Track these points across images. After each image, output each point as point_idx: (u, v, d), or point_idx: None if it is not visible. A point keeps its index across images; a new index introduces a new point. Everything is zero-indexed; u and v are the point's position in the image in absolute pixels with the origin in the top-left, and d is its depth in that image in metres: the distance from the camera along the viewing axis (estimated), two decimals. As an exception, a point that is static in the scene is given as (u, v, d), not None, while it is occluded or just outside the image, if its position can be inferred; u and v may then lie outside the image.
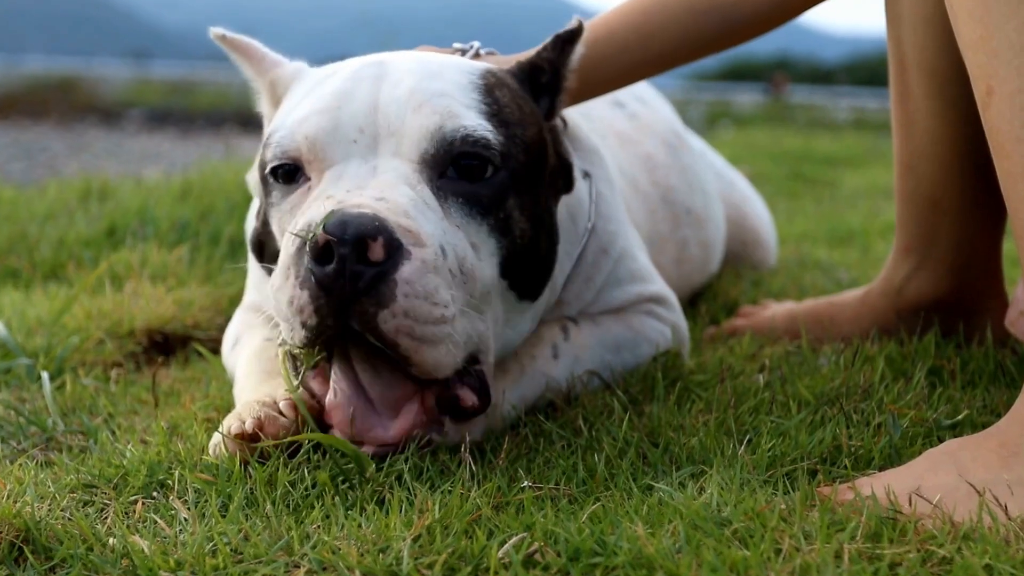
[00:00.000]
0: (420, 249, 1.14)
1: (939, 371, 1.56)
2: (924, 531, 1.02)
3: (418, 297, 1.13)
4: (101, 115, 13.41)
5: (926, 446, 1.26)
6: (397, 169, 1.21)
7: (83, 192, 3.12)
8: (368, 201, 1.16)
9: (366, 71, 1.29)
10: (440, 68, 1.31)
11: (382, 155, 1.22)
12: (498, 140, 1.24)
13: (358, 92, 1.26)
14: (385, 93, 1.25)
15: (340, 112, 1.24)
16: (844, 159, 6.70)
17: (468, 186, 1.23)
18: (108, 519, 1.13)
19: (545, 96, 1.42)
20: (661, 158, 1.95)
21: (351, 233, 1.11)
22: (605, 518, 1.07)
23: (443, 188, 1.22)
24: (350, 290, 1.12)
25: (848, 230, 3.43)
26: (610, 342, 1.55)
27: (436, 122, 1.22)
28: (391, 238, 1.12)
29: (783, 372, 1.55)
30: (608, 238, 1.58)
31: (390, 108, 1.24)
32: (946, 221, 1.66)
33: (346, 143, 1.23)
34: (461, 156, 1.22)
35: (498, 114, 1.28)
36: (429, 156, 1.22)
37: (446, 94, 1.25)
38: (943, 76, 1.58)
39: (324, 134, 1.23)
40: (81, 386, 1.63)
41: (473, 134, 1.22)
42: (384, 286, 1.12)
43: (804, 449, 1.25)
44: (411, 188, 1.20)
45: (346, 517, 1.10)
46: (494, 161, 1.23)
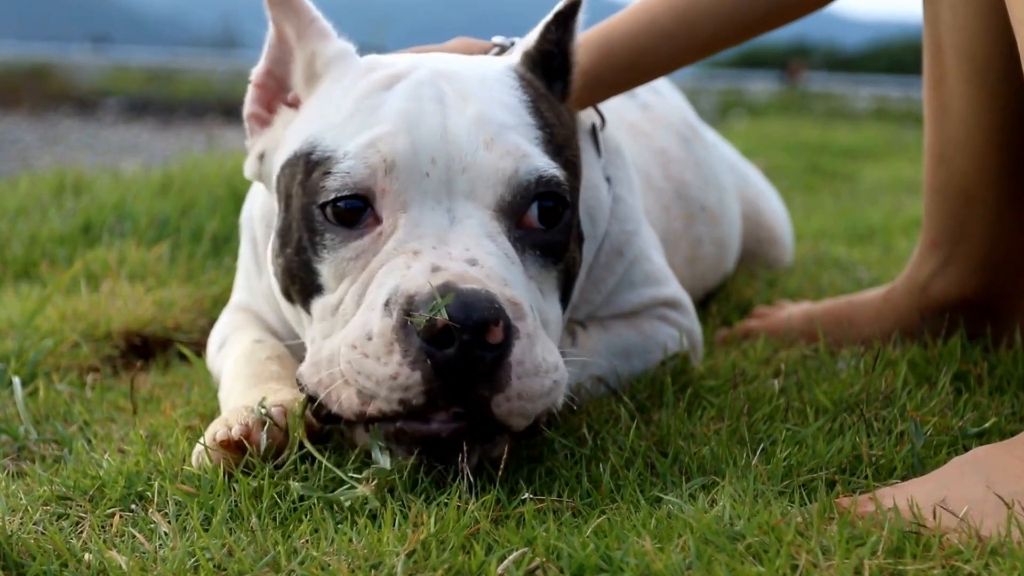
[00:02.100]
0: (523, 323, 1.15)
1: (965, 376, 1.56)
2: (949, 546, 1.03)
3: (529, 375, 1.14)
4: (76, 104, 13.42)
5: (951, 455, 1.26)
6: (476, 217, 1.20)
7: (57, 186, 3.12)
8: (464, 268, 1.14)
9: (426, 90, 1.25)
10: (494, 87, 1.29)
11: (456, 197, 1.20)
12: (564, 174, 1.24)
13: (426, 113, 1.23)
14: (453, 121, 1.22)
15: (415, 136, 1.21)
16: (864, 151, 6.71)
17: (544, 235, 1.23)
18: (84, 533, 1.13)
19: (558, 80, 1.42)
20: (675, 152, 1.96)
21: (476, 319, 1.09)
22: (611, 532, 1.07)
23: (522, 240, 1.22)
24: (469, 375, 1.12)
25: (868, 227, 3.43)
26: (620, 348, 1.55)
27: (511, 165, 1.20)
28: (508, 319, 1.12)
29: (799, 377, 1.55)
30: (624, 239, 1.58)
31: (461, 139, 1.21)
32: (977, 215, 1.66)
33: (420, 176, 1.20)
34: (538, 198, 1.22)
35: (552, 139, 1.28)
36: (506, 203, 1.21)
37: (511, 126, 1.24)
38: (982, 60, 1.58)
39: (402, 161, 1.20)
40: (55, 392, 1.63)
41: (545, 174, 1.21)
42: (500, 370, 1.12)
43: (822, 459, 1.25)
44: (493, 242, 1.19)
45: (336, 531, 1.10)
46: (565, 199, 1.23)
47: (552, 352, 1.19)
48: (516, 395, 1.14)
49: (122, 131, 10.92)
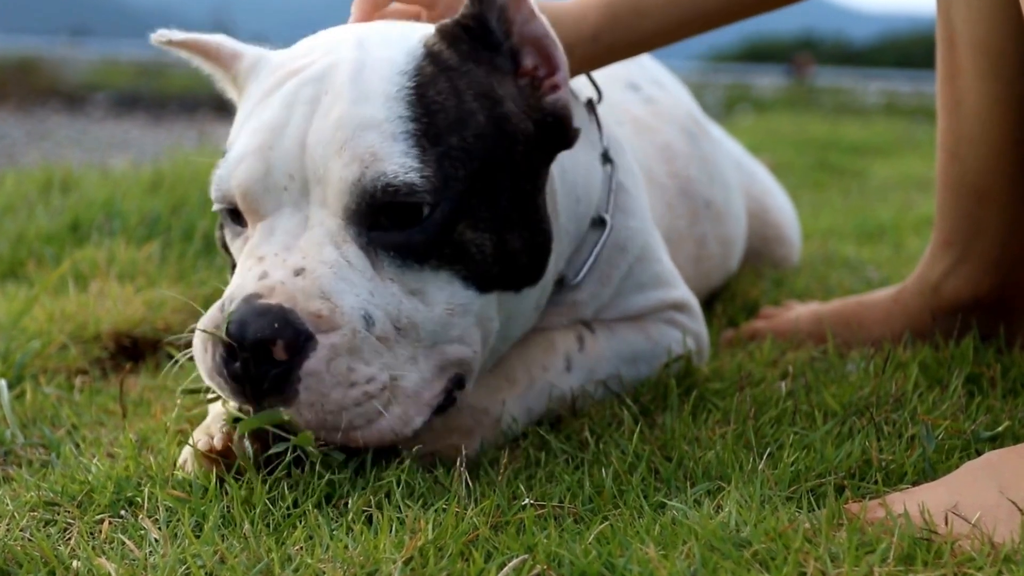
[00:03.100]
0: (330, 335, 1.19)
1: (978, 378, 1.56)
2: (962, 553, 1.03)
3: (326, 387, 1.18)
4: (64, 99, 13.43)
5: (963, 460, 1.26)
6: (324, 224, 1.24)
7: (44, 183, 3.12)
8: (284, 279, 1.21)
9: (304, 91, 1.29)
10: (368, 79, 1.28)
11: (313, 205, 1.26)
12: (426, 176, 1.23)
13: (291, 125, 1.27)
14: (315, 127, 1.26)
15: (271, 154, 1.27)
16: (874, 147, 6.71)
17: (400, 236, 1.24)
18: (72, 540, 1.13)
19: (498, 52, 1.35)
20: (680, 147, 1.95)
21: (250, 338, 1.17)
22: (614, 538, 1.07)
23: (373, 242, 1.25)
24: (257, 387, 1.19)
25: (878, 225, 3.43)
26: (627, 354, 1.56)
27: (355, 172, 1.22)
28: (293, 337, 1.17)
29: (807, 379, 1.55)
30: (627, 234, 1.58)
31: (316, 150, 1.25)
32: (992, 213, 1.66)
33: (277, 191, 1.26)
34: (385, 208, 1.23)
35: (428, 128, 1.26)
36: (351, 211, 1.24)
37: (370, 125, 1.24)
38: (998, 54, 1.58)
39: (255, 184, 1.27)
40: (42, 395, 1.63)
41: (394, 182, 1.22)
42: (287, 385, 1.18)
43: (830, 463, 1.25)
44: (336, 248, 1.24)
45: (331, 537, 1.10)
46: (426, 202, 1.23)
47: (400, 355, 1.23)
48: (308, 406, 1.18)
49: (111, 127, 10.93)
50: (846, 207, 3.97)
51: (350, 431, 1.20)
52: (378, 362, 1.21)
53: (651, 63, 2.13)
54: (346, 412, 1.19)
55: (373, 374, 1.20)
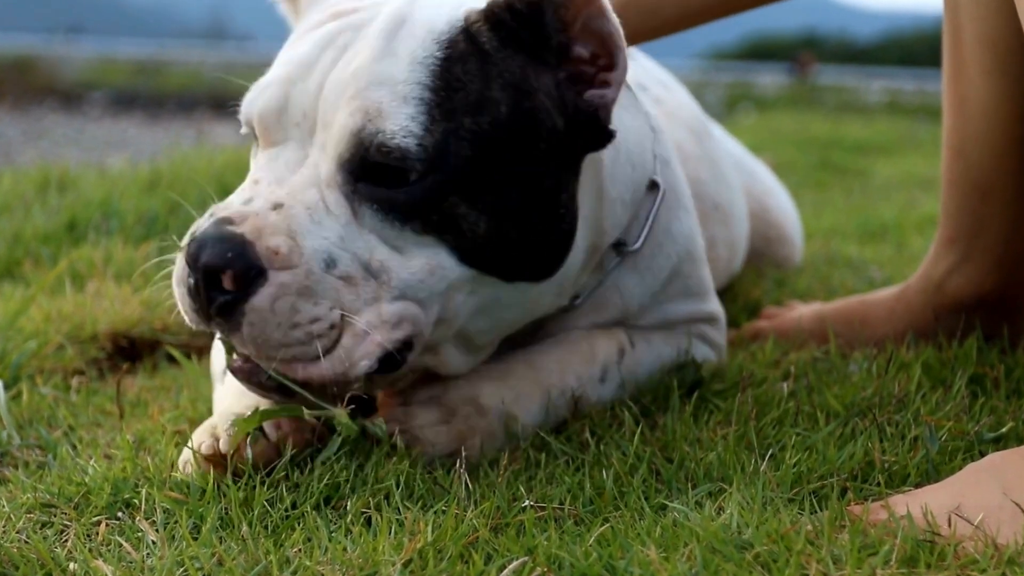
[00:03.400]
0: (281, 273, 1.21)
1: (981, 379, 1.56)
2: (965, 555, 1.03)
3: (268, 324, 1.21)
4: (61, 98, 13.43)
5: (966, 461, 1.26)
6: (318, 167, 1.28)
7: (41, 183, 3.12)
8: (259, 209, 1.24)
9: (340, 36, 1.32)
10: (402, 38, 1.29)
11: (315, 145, 1.29)
12: (423, 146, 1.24)
13: (318, 65, 1.31)
14: (335, 73, 1.29)
15: (293, 89, 1.30)
16: (877, 146, 6.71)
17: (384, 192, 1.26)
18: (68, 542, 1.13)
19: (550, 42, 1.32)
20: (689, 148, 1.95)
21: (202, 263, 1.21)
22: (614, 541, 1.07)
23: (358, 193, 1.27)
24: (206, 308, 1.23)
25: (881, 224, 3.43)
26: (657, 367, 1.57)
27: (358, 123, 1.25)
28: (244, 269, 1.20)
29: (810, 380, 1.55)
30: (667, 237, 1.57)
31: (331, 95, 1.28)
32: (996, 210, 1.66)
33: (289, 125, 1.30)
34: (376, 166, 1.25)
35: (445, 102, 1.26)
36: (344, 160, 1.26)
37: (385, 82, 1.26)
38: (1004, 50, 1.57)
39: (271, 113, 1.31)
40: (39, 396, 1.63)
41: (389, 143, 1.23)
42: (232, 316, 1.22)
43: (833, 465, 1.25)
44: (319, 192, 1.27)
45: (330, 540, 1.10)
46: (415, 169, 1.24)
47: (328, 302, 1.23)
48: (252, 340, 1.22)
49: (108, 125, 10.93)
50: (848, 206, 3.97)
51: (289, 364, 1.23)
52: (330, 300, 1.23)
53: (651, 64, 2.12)
54: (286, 349, 1.22)
55: (319, 314, 1.22)
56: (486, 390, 1.39)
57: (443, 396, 1.37)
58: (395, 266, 1.26)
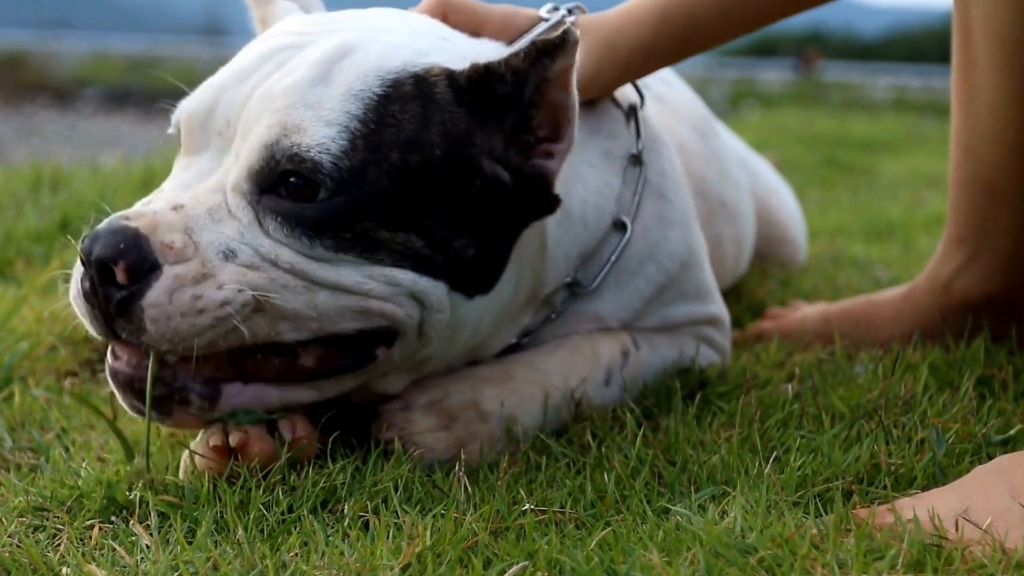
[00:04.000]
0: (178, 265, 1.20)
1: (989, 380, 1.56)
2: (972, 559, 1.03)
3: (172, 318, 1.19)
4: (53, 94, 13.43)
5: (974, 464, 1.26)
6: (228, 173, 1.27)
7: (33, 181, 3.12)
8: (159, 209, 1.24)
9: (282, 52, 1.32)
10: (343, 67, 1.28)
11: (231, 155, 1.29)
12: (337, 166, 1.23)
13: (253, 76, 1.30)
14: (267, 86, 1.28)
15: (223, 96, 1.30)
16: (883, 144, 6.71)
17: (290, 205, 1.24)
18: (61, 546, 1.13)
19: (508, 110, 1.31)
20: (693, 146, 1.95)
21: (95, 254, 1.20)
22: (616, 545, 1.07)
23: (263, 204, 1.25)
24: (105, 308, 1.21)
25: (887, 223, 3.43)
26: (660, 370, 1.57)
27: (274, 136, 1.24)
28: (137, 261, 1.19)
29: (815, 381, 1.55)
30: (663, 244, 1.56)
31: (255, 106, 1.28)
32: (1005, 210, 1.66)
33: (211, 133, 1.30)
34: (285, 175, 1.24)
35: (372, 134, 1.25)
36: (254, 171, 1.25)
37: (314, 104, 1.25)
38: (1015, 46, 1.57)
39: (196, 117, 1.31)
40: (31, 398, 1.63)
41: (303, 154, 1.22)
42: (132, 313, 1.20)
43: (838, 467, 1.26)
44: (224, 197, 1.26)
45: (327, 544, 1.10)
46: (325, 185, 1.23)
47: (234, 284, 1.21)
48: (160, 337, 1.20)
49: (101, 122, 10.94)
50: (854, 205, 3.97)
51: (210, 348, 1.21)
52: (237, 283, 1.21)
53: None
54: (200, 337, 1.20)
55: (226, 297, 1.21)
56: (487, 394, 1.39)
57: (443, 401, 1.36)
58: (312, 268, 1.24)
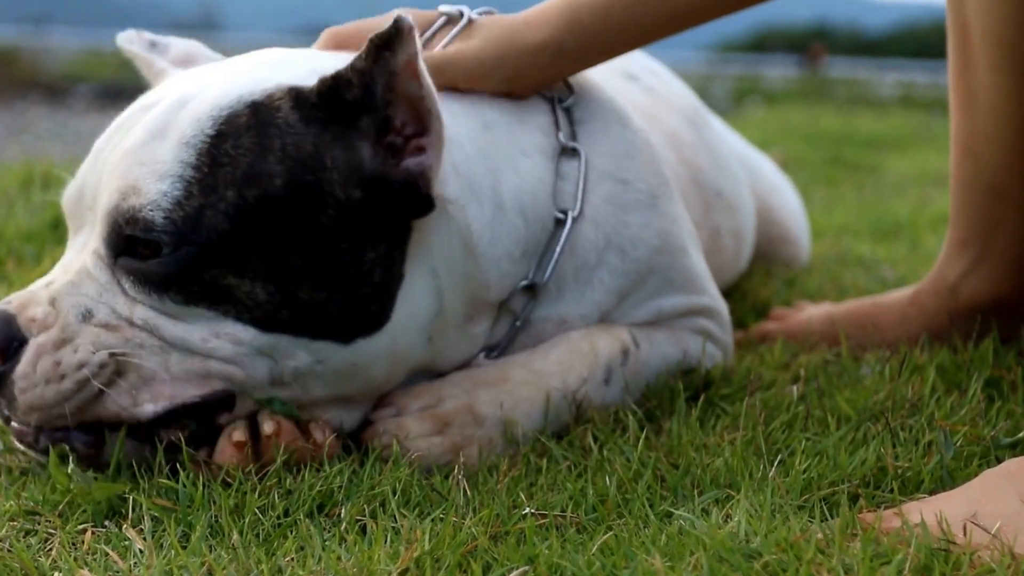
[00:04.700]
0: (42, 334, 1.28)
1: (998, 382, 1.56)
2: (981, 564, 1.03)
3: (37, 386, 1.27)
4: (45, 91, 13.42)
5: (982, 467, 1.26)
6: (89, 246, 1.34)
7: (24, 179, 3.12)
8: (33, 289, 1.33)
9: (127, 120, 1.38)
10: (179, 119, 1.31)
11: (92, 228, 1.35)
12: (171, 219, 1.26)
13: (106, 148, 1.37)
14: (113, 156, 1.34)
15: (86, 175, 1.38)
16: (890, 141, 6.70)
17: (139, 264, 1.30)
18: (53, 551, 1.13)
19: (365, 113, 1.31)
20: (686, 136, 1.95)
21: None
22: (618, 549, 1.07)
23: (120, 265, 1.32)
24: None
25: (894, 222, 3.43)
26: (662, 368, 1.56)
27: (114, 201, 1.30)
28: (6, 340, 1.28)
29: (820, 383, 1.55)
30: (617, 233, 1.54)
31: (103, 176, 1.34)
32: (1009, 211, 1.66)
33: (83, 211, 1.37)
34: (130, 239, 1.30)
35: (206, 178, 1.28)
36: (105, 236, 1.32)
37: (147, 161, 1.30)
38: (1011, 45, 1.57)
39: (71, 202, 1.39)
40: (22, 399, 1.63)
41: (137, 215, 1.28)
42: (6, 390, 1.28)
43: (844, 471, 1.26)
44: (84, 266, 1.33)
45: (323, 548, 1.10)
46: (163, 241, 1.28)
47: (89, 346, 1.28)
48: (29, 408, 1.28)
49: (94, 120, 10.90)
50: (860, 203, 3.97)
51: (80, 415, 1.28)
52: (91, 346, 1.28)
53: (640, 54, 2.12)
54: (68, 402, 1.27)
55: (83, 359, 1.27)
56: (482, 398, 1.38)
57: (437, 406, 1.36)
58: (164, 324, 1.29)
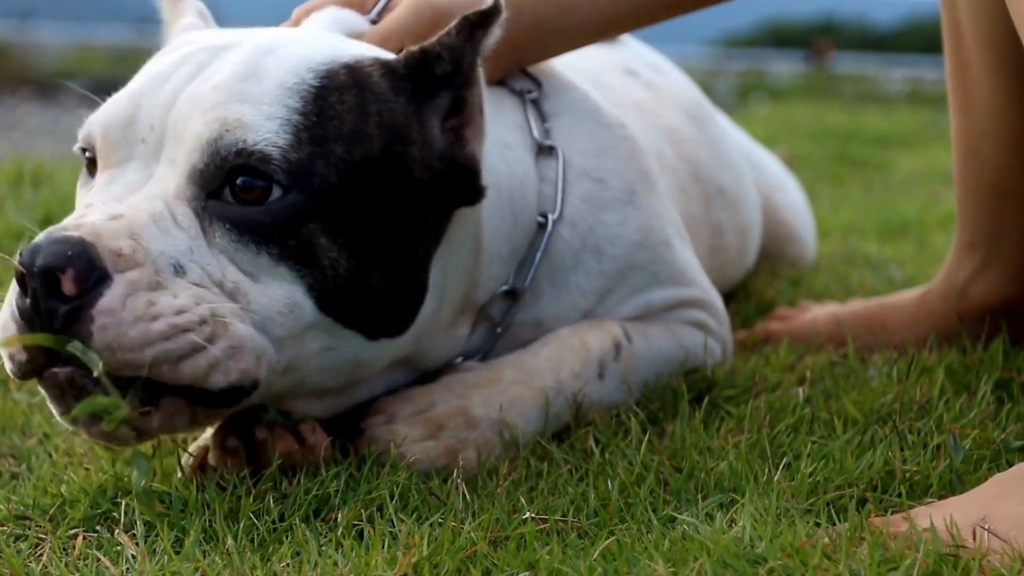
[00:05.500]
0: (131, 272, 1.16)
1: (1008, 384, 1.56)
2: (991, 569, 1.03)
3: (122, 324, 1.14)
4: (35, 87, 13.41)
5: (992, 471, 1.26)
6: (164, 181, 1.24)
7: (14, 177, 3.13)
8: (96, 220, 1.19)
9: (199, 55, 1.30)
10: (270, 64, 1.28)
11: (162, 162, 1.25)
12: (289, 157, 1.21)
13: (172, 80, 1.28)
14: (192, 88, 1.26)
15: (142, 101, 1.27)
16: (898, 138, 6.70)
17: (240, 210, 1.22)
18: (44, 556, 1.13)
19: (444, 89, 1.33)
20: (686, 131, 1.95)
21: (39, 264, 1.14)
22: (620, 555, 1.07)
23: (209, 210, 1.22)
24: (48, 326, 1.15)
25: (902, 221, 3.43)
26: (660, 363, 1.55)
27: (215, 131, 1.22)
28: (86, 269, 1.14)
29: (826, 385, 1.56)
30: (593, 233, 1.53)
31: (184, 107, 1.25)
32: (1015, 211, 1.66)
33: (134, 141, 1.26)
34: (235, 172, 1.22)
35: (315, 127, 1.24)
36: (197, 171, 1.22)
37: (249, 99, 1.24)
38: (1003, 46, 1.58)
39: (116, 127, 1.27)
40: (12, 402, 1.63)
41: (250, 147, 1.20)
42: (79, 323, 1.14)
43: (851, 474, 1.26)
44: (166, 205, 1.22)
45: (320, 553, 1.10)
46: (277, 179, 1.21)
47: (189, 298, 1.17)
48: (105, 348, 1.14)
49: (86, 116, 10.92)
50: (868, 202, 3.97)
51: (158, 366, 1.16)
52: (191, 298, 1.18)
53: (644, 48, 2.13)
54: (150, 348, 1.15)
55: (183, 305, 1.16)
56: (475, 400, 1.38)
57: (429, 410, 1.36)
58: (253, 292, 1.22)
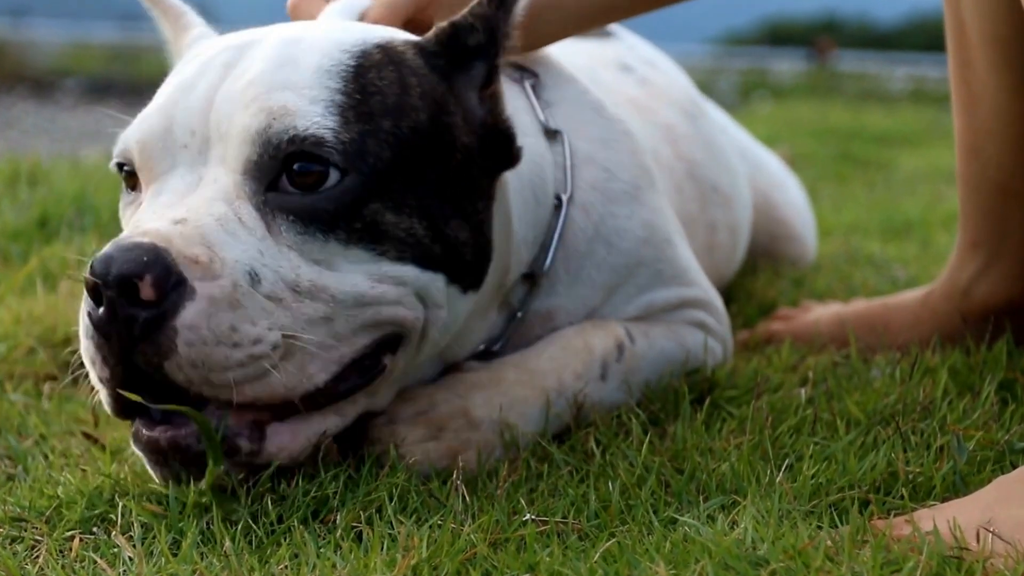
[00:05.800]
0: (209, 283, 1.15)
1: (1011, 385, 1.56)
2: (994, 572, 1.03)
3: (207, 344, 1.14)
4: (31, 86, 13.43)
5: (996, 472, 1.26)
6: (219, 181, 1.23)
7: (10, 176, 3.13)
8: (161, 226, 1.18)
9: (222, 56, 1.30)
10: (302, 50, 1.28)
11: (211, 163, 1.24)
12: (341, 138, 1.21)
13: (202, 83, 1.28)
14: (225, 87, 1.26)
15: (175, 110, 1.27)
16: (901, 137, 6.71)
17: (300, 199, 1.22)
18: (40, 558, 1.13)
19: (478, 60, 1.35)
20: (682, 128, 1.95)
21: (115, 272, 1.13)
22: (621, 557, 1.07)
23: (271, 203, 1.22)
24: (126, 335, 1.14)
25: (905, 220, 3.43)
26: (662, 363, 1.56)
27: (262, 122, 1.21)
28: (163, 274, 1.13)
29: (829, 386, 1.55)
30: (604, 223, 1.54)
31: (223, 106, 1.24)
32: (1019, 210, 1.66)
33: (175, 149, 1.25)
34: (290, 159, 1.21)
35: (359, 105, 1.25)
36: (252, 164, 1.22)
37: (289, 86, 1.24)
38: (1007, 44, 1.58)
39: (154, 140, 1.26)
40: (8, 402, 1.63)
41: (302, 132, 1.20)
42: (162, 334, 1.14)
43: (854, 476, 1.26)
44: (228, 205, 1.21)
45: (318, 556, 1.10)
46: (334, 162, 1.21)
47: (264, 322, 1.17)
48: (190, 364, 1.14)
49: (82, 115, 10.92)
50: (870, 201, 3.97)
51: (237, 387, 1.17)
52: (266, 322, 1.17)
53: (641, 44, 2.13)
54: (230, 372, 1.16)
55: (260, 335, 1.17)
56: (476, 400, 1.38)
57: (430, 411, 1.36)
58: (332, 284, 1.22)
